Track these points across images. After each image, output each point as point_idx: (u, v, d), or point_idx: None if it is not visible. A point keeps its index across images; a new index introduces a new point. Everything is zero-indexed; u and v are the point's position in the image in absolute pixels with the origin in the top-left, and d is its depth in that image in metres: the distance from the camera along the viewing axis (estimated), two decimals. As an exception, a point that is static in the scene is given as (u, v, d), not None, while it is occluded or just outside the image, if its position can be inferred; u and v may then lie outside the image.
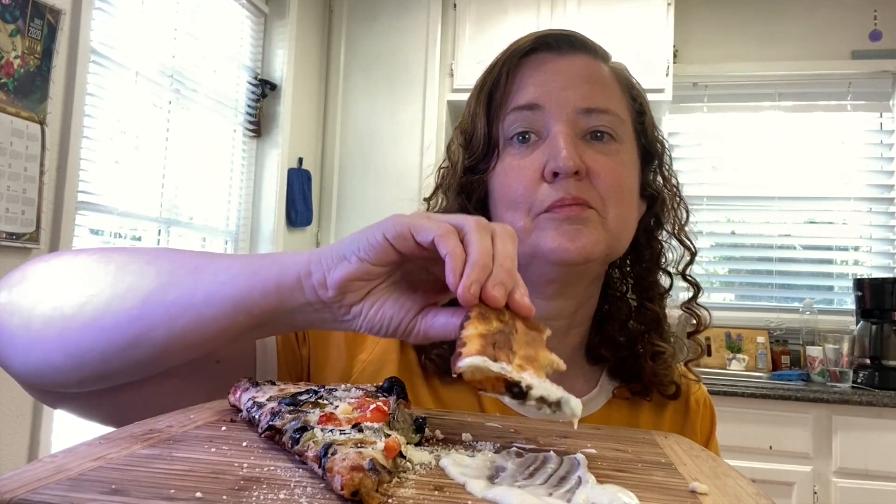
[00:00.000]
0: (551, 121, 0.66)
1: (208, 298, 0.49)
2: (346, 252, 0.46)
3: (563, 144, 0.64)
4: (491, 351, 0.36)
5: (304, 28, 3.03)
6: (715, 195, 3.18)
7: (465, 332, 0.39)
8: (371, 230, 0.45)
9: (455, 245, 0.43)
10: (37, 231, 1.70)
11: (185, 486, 0.31)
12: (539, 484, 0.35)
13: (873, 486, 2.31)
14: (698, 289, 0.78)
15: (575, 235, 0.64)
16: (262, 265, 0.49)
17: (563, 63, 0.69)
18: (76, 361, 0.52)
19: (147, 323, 0.50)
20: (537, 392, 0.34)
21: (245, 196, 2.88)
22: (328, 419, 0.40)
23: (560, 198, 0.64)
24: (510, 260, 0.44)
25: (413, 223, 0.44)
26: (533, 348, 0.40)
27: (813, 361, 2.69)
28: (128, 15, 2.11)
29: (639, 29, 2.82)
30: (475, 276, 0.42)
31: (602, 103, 0.67)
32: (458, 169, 0.72)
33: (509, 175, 0.68)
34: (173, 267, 0.52)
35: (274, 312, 0.49)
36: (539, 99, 0.67)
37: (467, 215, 0.46)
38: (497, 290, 0.42)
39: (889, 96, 3.04)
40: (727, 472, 0.42)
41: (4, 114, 1.60)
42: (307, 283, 0.47)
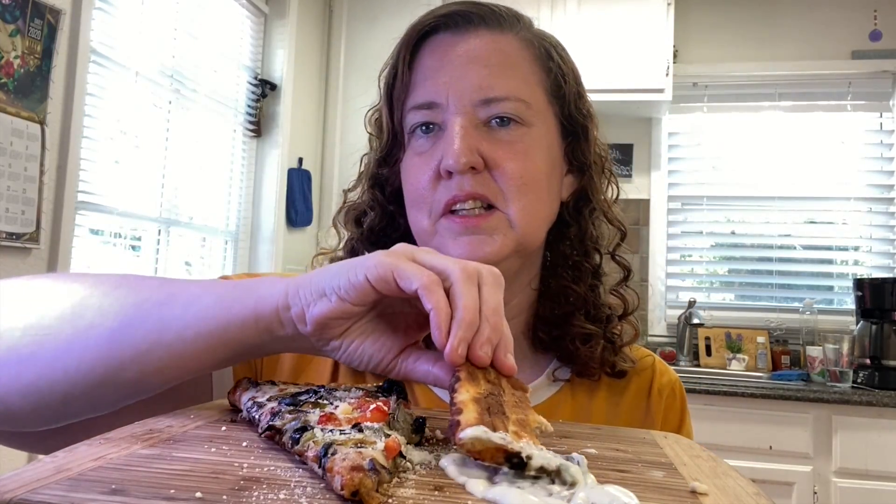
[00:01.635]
0: (448, 115, 0.63)
1: (181, 333, 0.46)
2: (327, 288, 0.44)
3: (455, 140, 0.61)
4: (488, 419, 0.36)
5: (304, 28, 3.03)
6: (715, 195, 3.18)
7: (457, 396, 0.39)
8: (353, 268, 0.43)
9: (440, 299, 0.41)
10: (37, 231, 1.70)
11: (185, 486, 0.31)
12: (538, 484, 0.35)
13: (873, 486, 2.31)
14: (629, 271, 0.74)
15: (477, 246, 0.62)
16: (235, 297, 0.47)
17: (462, 46, 0.65)
18: (35, 402, 0.48)
19: (115, 362, 0.47)
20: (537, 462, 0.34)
21: (245, 196, 2.88)
22: (328, 419, 0.40)
23: (454, 195, 0.62)
24: (497, 313, 0.43)
25: (397, 268, 0.42)
26: (522, 410, 0.40)
27: (813, 361, 2.69)
28: (128, 15, 2.11)
29: (639, 29, 2.82)
30: (462, 335, 0.41)
31: (501, 90, 0.63)
32: (372, 159, 0.72)
33: (410, 172, 0.66)
34: (137, 299, 0.48)
35: (253, 345, 0.47)
36: (435, 96, 0.64)
37: (453, 260, 0.44)
38: (484, 351, 0.41)
39: (889, 96, 3.04)
40: (727, 472, 0.42)
41: (4, 114, 1.60)
42: (285, 316, 0.45)
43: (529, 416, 0.40)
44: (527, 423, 0.39)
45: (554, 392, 0.71)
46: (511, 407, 0.40)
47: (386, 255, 0.44)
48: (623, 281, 0.74)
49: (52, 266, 1.76)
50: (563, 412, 0.70)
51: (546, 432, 0.40)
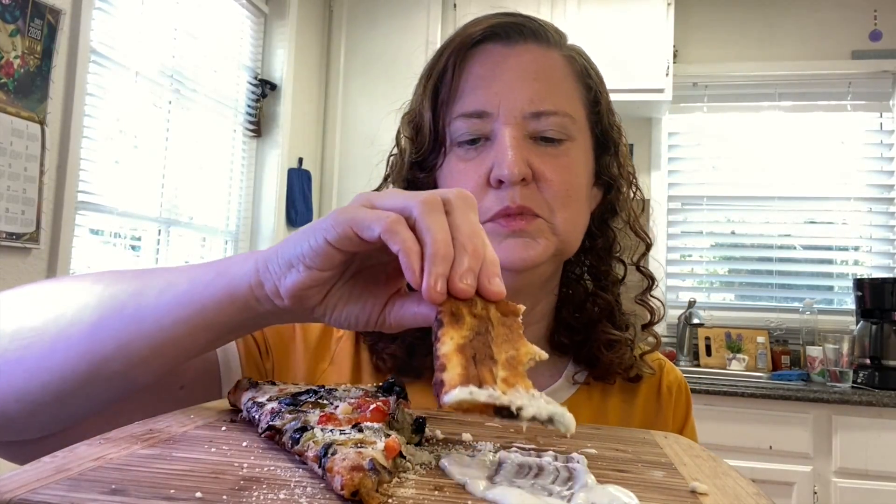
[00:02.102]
0: (498, 125, 0.64)
1: (159, 321, 0.46)
2: (293, 258, 0.42)
3: (509, 151, 0.62)
4: (473, 371, 0.34)
5: (304, 28, 3.03)
6: (715, 195, 3.18)
7: (441, 346, 0.36)
8: (314, 233, 0.42)
9: (405, 238, 0.39)
10: (37, 231, 1.70)
11: (185, 486, 0.31)
12: (538, 484, 0.35)
13: (873, 486, 2.31)
14: (652, 280, 0.76)
15: (522, 248, 0.63)
16: (208, 280, 0.46)
17: (513, 58, 0.66)
18: (30, 406, 0.48)
19: (98, 356, 0.47)
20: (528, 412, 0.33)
21: (245, 196, 2.88)
22: (328, 419, 0.40)
23: (505, 207, 0.63)
24: (474, 237, 0.40)
25: (355, 219, 0.40)
26: (512, 344, 0.38)
27: (813, 361, 2.69)
28: (128, 15, 2.11)
29: (639, 29, 2.82)
30: (437, 270, 0.38)
31: (551, 104, 0.65)
32: (406, 161, 0.71)
33: (455, 179, 0.66)
34: (114, 291, 0.49)
35: (233, 324, 0.47)
36: (486, 105, 0.65)
37: (412, 192, 0.41)
38: (465, 282, 0.38)
39: (889, 96, 3.04)
40: (727, 472, 0.42)
41: (4, 114, 1.60)
42: (261, 294, 0.44)
43: (521, 350, 0.38)
44: (518, 359, 0.37)
45: (572, 394, 0.73)
46: (500, 343, 0.38)
47: (342, 210, 0.41)
48: (647, 290, 0.76)
49: (52, 266, 1.76)
50: (583, 414, 0.71)
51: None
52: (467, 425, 0.51)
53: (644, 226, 0.75)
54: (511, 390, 0.34)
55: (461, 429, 0.49)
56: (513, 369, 0.36)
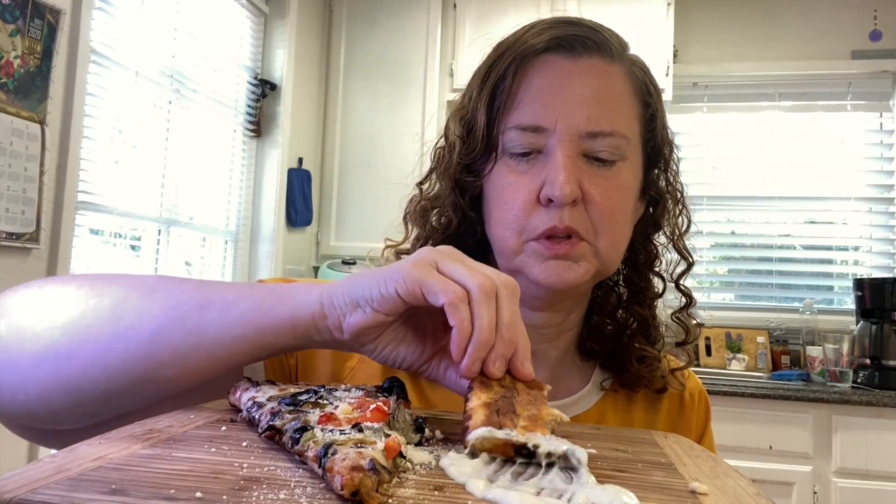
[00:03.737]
0: (553, 141, 0.64)
1: (219, 338, 0.49)
2: (360, 299, 0.47)
3: (561, 172, 0.62)
4: (495, 419, 0.39)
5: (304, 28, 3.03)
6: (715, 195, 3.18)
7: (469, 404, 0.42)
8: (384, 281, 0.46)
9: (464, 317, 0.44)
10: (37, 231, 1.70)
11: (185, 486, 0.31)
12: (539, 484, 0.35)
13: (873, 486, 2.31)
14: (691, 300, 0.76)
15: (563, 271, 0.63)
16: (271, 304, 0.49)
17: (575, 74, 0.65)
18: (74, 399, 0.50)
19: (154, 362, 0.50)
20: (544, 449, 0.36)
21: (245, 196, 2.88)
22: (328, 419, 0.40)
23: (552, 226, 0.62)
24: (512, 327, 0.45)
25: (424, 283, 0.45)
26: (535, 407, 0.42)
27: (813, 361, 2.69)
28: (128, 15, 2.11)
29: (639, 29, 2.82)
30: (477, 354, 0.44)
31: (608, 125, 0.64)
32: (454, 160, 0.70)
33: (505, 191, 0.66)
34: (175, 303, 0.51)
35: (287, 347, 0.51)
36: (543, 120, 0.64)
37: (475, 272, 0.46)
38: (496, 367, 0.45)
39: (889, 96, 3.04)
40: (727, 472, 0.42)
41: (4, 114, 1.60)
42: (322, 325, 0.48)
43: (543, 411, 0.42)
44: (539, 417, 0.41)
45: (599, 399, 0.74)
46: (524, 405, 0.42)
47: (413, 266, 0.46)
48: (685, 308, 0.76)
49: (52, 266, 1.76)
50: (609, 420, 0.72)
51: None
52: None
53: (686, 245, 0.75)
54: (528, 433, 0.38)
55: (461, 428, 0.49)
56: (533, 422, 0.40)
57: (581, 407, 0.72)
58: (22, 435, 0.57)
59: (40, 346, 0.50)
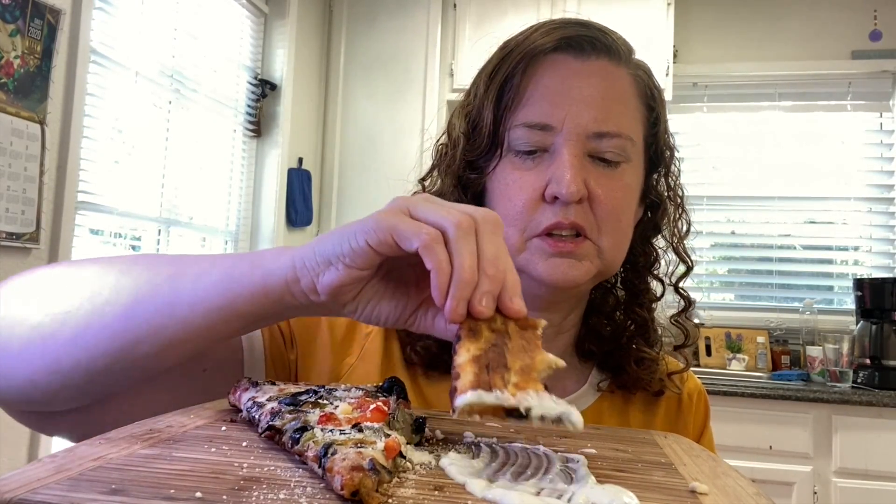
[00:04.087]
0: (560, 140, 0.64)
1: (192, 307, 0.48)
2: (332, 256, 0.45)
3: (568, 170, 0.62)
4: (485, 377, 0.36)
5: (304, 28, 3.03)
6: (715, 195, 3.18)
7: (457, 358, 0.39)
8: (354, 234, 0.44)
9: (440, 258, 0.41)
10: (37, 231, 1.70)
11: (185, 486, 0.31)
12: (539, 484, 0.35)
13: (873, 486, 2.31)
14: (689, 303, 0.76)
15: (566, 269, 0.63)
16: (243, 270, 0.48)
17: (583, 75, 0.66)
18: (61, 379, 0.50)
19: (131, 336, 0.49)
20: (537, 412, 0.35)
21: (245, 196, 2.88)
22: (328, 419, 0.40)
23: (557, 222, 0.63)
24: (496, 261, 0.42)
25: (396, 228, 0.42)
26: (528, 354, 0.40)
27: (813, 361, 2.69)
28: (128, 15, 2.11)
29: (639, 29, 2.82)
30: (460, 294, 0.41)
31: (615, 126, 0.65)
32: (458, 157, 0.70)
33: (510, 187, 0.66)
34: (150, 276, 0.50)
35: (265, 314, 0.49)
36: (551, 119, 0.64)
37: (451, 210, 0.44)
38: (483, 304, 0.41)
39: (889, 96, 3.04)
40: (727, 472, 0.42)
41: (4, 114, 1.60)
42: (296, 289, 0.46)
43: (536, 358, 0.39)
44: (532, 367, 0.39)
45: (596, 399, 0.74)
46: (516, 353, 0.39)
47: (382, 215, 0.44)
48: (683, 311, 0.76)
49: (52, 266, 1.76)
50: (607, 419, 0.72)
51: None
52: (467, 425, 0.51)
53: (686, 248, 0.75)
54: (520, 393, 0.35)
55: (461, 429, 0.49)
56: (525, 375, 0.38)
57: (578, 407, 0.71)
58: (22, 421, 0.57)
59: (26, 329, 0.50)
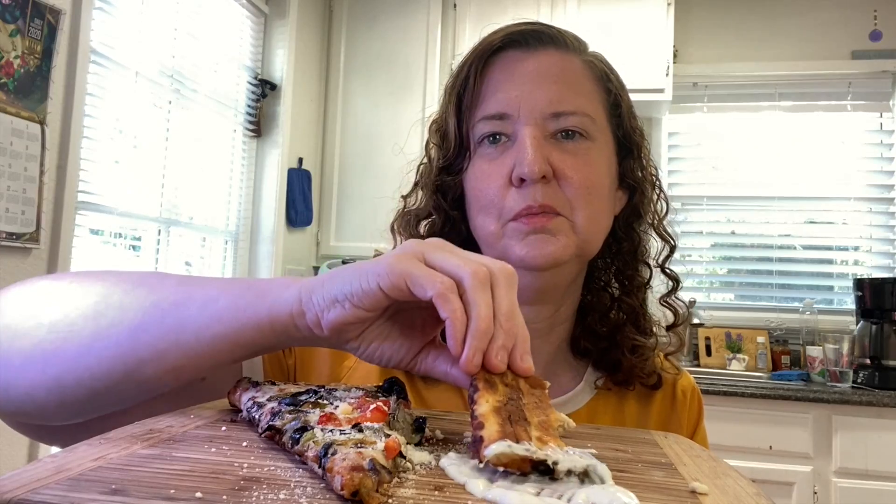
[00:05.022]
0: (519, 125, 0.66)
1: (198, 335, 0.48)
2: (339, 295, 0.44)
3: (529, 149, 0.63)
4: (510, 429, 0.36)
5: (304, 28, 3.03)
6: (715, 195, 3.18)
7: (477, 408, 0.39)
8: (365, 275, 0.43)
9: (456, 308, 0.41)
10: (37, 231, 1.70)
11: (185, 486, 0.31)
12: (538, 484, 0.35)
13: (873, 486, 2.31)
14: (677, 282, 0.77)
15: (542, 245, 0.64)
16: (249, 300, 0.48)
17: (532, 62, 0.68)
18: (61, 396, 0.50)
19: (134, 360, 0.49)
20: (564, 466, 0.35)
21: (245, 196, 2.88)
22: (328, 419, 0.40)
23: (527, 206, 0.64)
24: (512, 316, 0.42)
25: (409, 275, 0.42)
26: (543, 411, 0.40)
27: (813, 361, 2.69)
28: (128, 15, 2.11)
29: (639, 29, 2.82)
30: (477, 344, 0.41)
31: (570, 105, 0.66)
32: (434, 167, 0.73)
33: (479, 179, 0.68)
34: (156, 299, 0.50)
35: (269, 345, 0.49)
36: (507, 107, 0.66)
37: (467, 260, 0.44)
38: (499, 359, 0.41)
39: (889, 96, 3.04)
40: (727, 472, 0.42)
41: (4, 114, 1.60)
42: (301, 323, 0.46)
43: (551, 416, 0.40)
44: (549, 423, 0.39)
45: (591, 397, 0.74)
46: (531, 410, 0.40)
47: (397, 259, 0.43)
48: (672, 292, 0.77)
49: (52, 266, 1.76)
50: (601, 418, 0.73)
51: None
52: (467, 425, 0.51)
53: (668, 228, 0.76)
54: (545, 447, 0.36)
55: (461, 429, 0.49)
56: (545, 431, 0.38)
57: (573, 405, 0.72)
58: (20, 431, 0.57)
59: (28, 344, 0.50)
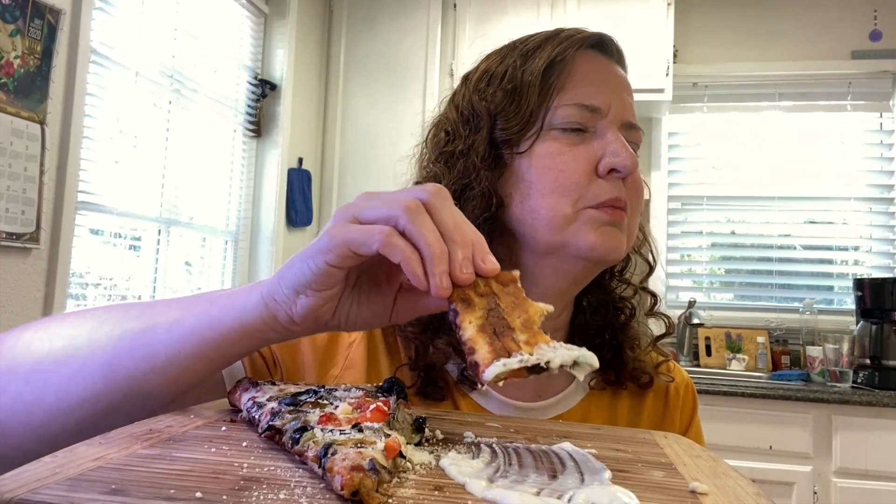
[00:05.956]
0: (605, 123, 0.67)
1: (170, 358, 0.49)
2: (298, 285, 0.45)
3: (625, 147, 0.66)
4: (498, 344, 0.38)
5: (304, 28, 3.03)
6: (715, 195, 3.18)
7: (463, 333, 0.40)
8: (311, 257, 0.44)
9: (404, 248, 0.41)
10: (37, 231, 1.70)
11: (185, 486, 0.31)
12: (538, 484, 0.35)
13: (873, 486, 2.31)
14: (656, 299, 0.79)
15: (615, 238, 0.66)
16: (216, 316, 0.48)
17: (613, 70, 0.71)
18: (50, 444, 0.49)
19: (115, 395, 0.49)
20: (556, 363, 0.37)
21: (245, 196, 2.88)
22: (328, 419, 0.40)
23: (615, 197, 0.65)
24: (459, 228, 0.42)
25: (349, 239, 0.42)
26: (522, 308, 0.42)
27: (813, 361, 2.69)
28: (128, 15, 2.11)
29: (639, 29, 2.82)
30: (438, 269, 0.41)
31: (636, 120, 0.71)
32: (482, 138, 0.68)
33: (559, 160, 0.66)
34: (123, 331, 0.50)
35: (246, 349, 0.50)
36: (601, 102, 0.67)
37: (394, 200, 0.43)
38: (466, 272, 0.41)
39: (889, 96, 3.04)
40: (727, 472, 0.42)
41: (4, 114, 1.60)
42: (275, 325, 0.47)
43: (530, 311, 0.41)
44: (531, 321, 0.41)
45: (583, 397, 0.74)
46: (511, 312, 0.41)
47: (333, 230, 0.44)
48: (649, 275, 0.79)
49: (52, 266, 1.76)
50: (596, 415, 0.73)
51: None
52: (467, 425, 0.51)
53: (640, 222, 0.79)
54: (535, 349, 0.38)
55: (461, 429, 0.49)
56: (529, 330, 0.40)
57: (565, 406, 0.73)
58: None
59: (8, 399, 0.50)
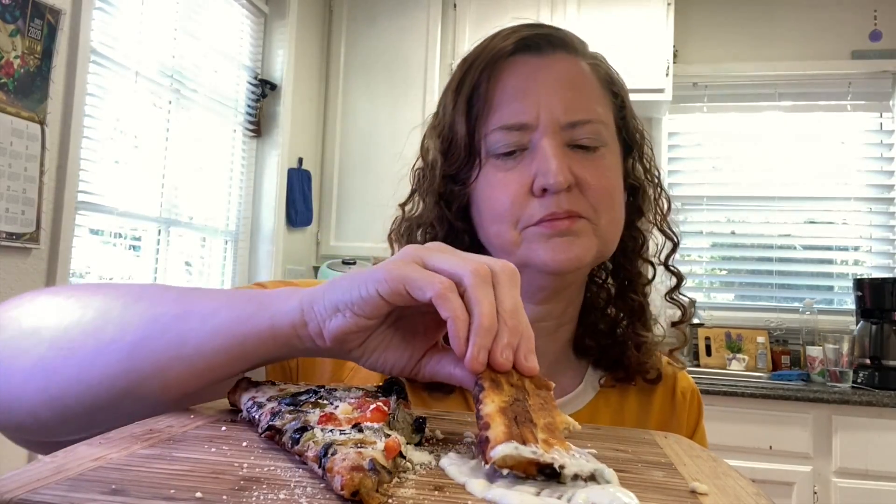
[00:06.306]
0: (538, 135, 0.65)
1: (199, 349, 0.48)
2: (340, 303, 0.44)
3: (552, 161, 0.63)
4: (516, 430, 0.36)
5: (304, 28, 3.03)
6: (715, 195, 3.18)
7: (483, 408, 0.38)
8: (364, 283, 0.43)
9: (456, 307, 0.41)
10: (37, 231, 1.70)
11: (185, 486, 0.31)
12: (538, 484, 0.35)
13: (873, 486, 2.31)
14: (681, 278, 0.78)
15: (566, 247, 0.64)
16: (251, 312, 0.47)
17: (546, 69, 0.68)
18: (63, 413, 0.49)
19: (135, 376, 0.48)
20: (570, 470, 0.34)
21: (245, 196, 2.88)
22: (328, 419, 0.40)
23: (551, 213, 0.63)
24: (516, 314, 0.42)
25: (408, 279, 0.42)
26: (548, 413, 0.40)
27: (813, 361, 2.69)
28: (128, 15, 2.11)
29: (639, 29, 2.82)
30: (481, 342, 0.40)
31: (586, 113, 0.66)
32: (437, 175, 0.70)
33: (495, 188, 0.66)
34: (156, 313, 0.50)
35: (271, 357, 0.49)
36: (525, 117, 0.65)
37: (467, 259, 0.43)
38: (504, 357, 0.41)
39: (889, 96, 3.04)
40: (727, 472, 0.42)
41: (4, 114, 1.60)
42: (303, 333, 0.46)
43: (557, 418, 0.40)
44: (555, 426, 0.39)
45: (592, 397, 0.74)
46: (537, 411, 0.39)
47: (395, 265, 0.43)
48: (676, 288, 0.78)
49: (52, 266, 1.76)
50: (603, 416, 0.73)
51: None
52: (467, 425, 0.51)
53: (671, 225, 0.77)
54: (552, 450, 0.35)
55: (461, 429, 0.49)
56: (551, 433, 0.38)
57: (574, 406, 0.73)
58: (23, 446, 0.57)
59: (29, 362, 0.50)
